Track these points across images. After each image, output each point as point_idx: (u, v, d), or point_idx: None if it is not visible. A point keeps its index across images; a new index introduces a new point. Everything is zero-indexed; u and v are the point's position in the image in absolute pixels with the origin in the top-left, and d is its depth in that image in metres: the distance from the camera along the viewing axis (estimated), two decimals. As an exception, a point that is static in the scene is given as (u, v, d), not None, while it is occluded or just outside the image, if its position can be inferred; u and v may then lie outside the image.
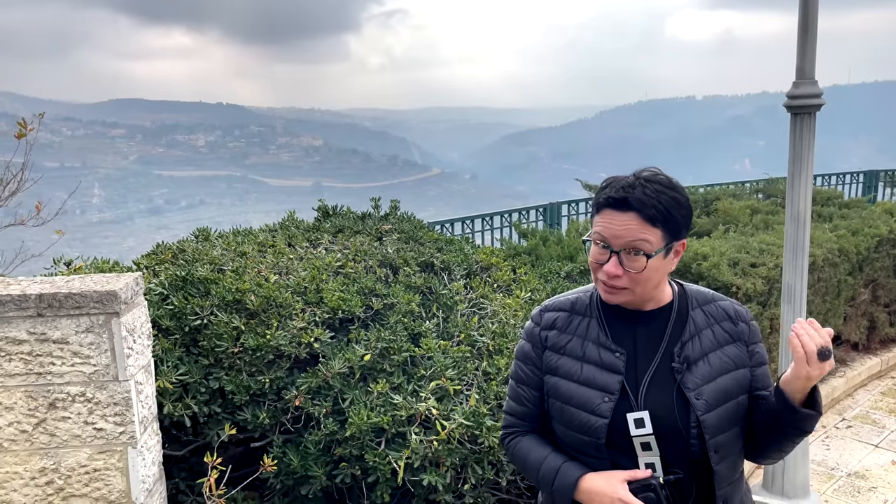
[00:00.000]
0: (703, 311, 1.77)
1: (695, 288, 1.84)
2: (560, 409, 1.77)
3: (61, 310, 2.28)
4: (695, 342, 1.73)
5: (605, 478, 1.68)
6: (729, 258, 5.18)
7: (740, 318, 1.78)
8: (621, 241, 1.62)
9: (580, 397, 1.73)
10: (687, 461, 1.69)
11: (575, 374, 1.75)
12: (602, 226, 1.65)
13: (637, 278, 1.63)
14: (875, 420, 5.41)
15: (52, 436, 2.37)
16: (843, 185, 9.65)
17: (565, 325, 1.81)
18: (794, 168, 3.35)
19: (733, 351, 1.75)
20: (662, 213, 1.61)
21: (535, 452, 1.82)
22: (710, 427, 1.66)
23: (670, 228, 1.64)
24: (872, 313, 6.35)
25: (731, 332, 1.76)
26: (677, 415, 1.67)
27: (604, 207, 1.65)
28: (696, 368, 1.70)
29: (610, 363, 1.72)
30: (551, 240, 5.77)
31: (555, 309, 1.86)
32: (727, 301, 1.82)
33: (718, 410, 1.68)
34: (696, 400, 1.66)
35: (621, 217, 1.62)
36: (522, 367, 1.87)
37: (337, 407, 2.93)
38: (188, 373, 2.94)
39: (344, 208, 4.92)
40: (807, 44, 3.17)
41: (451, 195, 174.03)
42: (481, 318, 3.51)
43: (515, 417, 1.91)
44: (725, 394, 1.70)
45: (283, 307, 3.19)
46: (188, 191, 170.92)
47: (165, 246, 3.84)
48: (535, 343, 1.84)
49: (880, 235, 6.20)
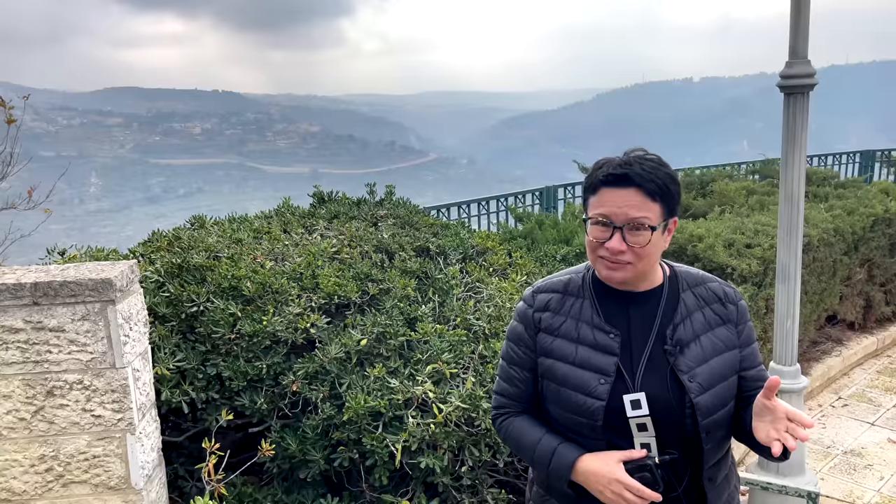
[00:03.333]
0: (693, 293, 1.79)
1: (685, 269, 1.85)
2: (556, 391, 1.77)
3: (57, 298, 2.29)
4: (686, 324, 1.74)
5: (602, 458, 1.69)
6: (724, 239, 5.19)
7: (729, 300, 1.80)
8: (624, 216, 1.63)
9: (576, 379, 1.73)
10: (681, 441, 1.71)
11: (570, 355, 1.75)
12: (603, 203, 1.66)
13: (641, 253, 1.64)
14: (871, 398, 5.44)
15: (51, 423, 2.38)
16: (839, 165, 9.65)
17: (559, 307, 1.81)
18: (787, 148, 3.35)
19: (724, 333, 1.76)
20: (661, 187, 1.63)
21: (530, 434, 1.83)
22: (702, 409, 1.68)
23: (668, 203, 1.66)
24: (868, 293, 6.37)
25: (721, 315, 1.78)
26: (672, 396, 1.69)
27: (602, 186, 1.66)
28: (689, 351, 1.71)
29: (605, 344, 1.73)
30: (547, 223, 5.78)
31: (547, 290, 1.85)
32: (717, 283, 1.83)
33: (712, 392, 1.70)
34: (689, 383, 1.68)
35: (622, 193, 1.63)
36: (514, 349, 1.87)
37: (334, 391, 2.95)
38: (185, 359, 2.96)
39: (340, 194, 4.92)
40: (799, 23, 3.16)
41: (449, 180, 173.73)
42: (477, 302, 3.52)
43: (507, 398, 1.91)
44: (717, 375, 1.72)
45: (279, 293, 3.20)
46: (186, 179, 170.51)
47: (161, 234, 3.85)
48: (528, 325, 1.84)
49: (876, 215, 6.21)
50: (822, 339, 6.12)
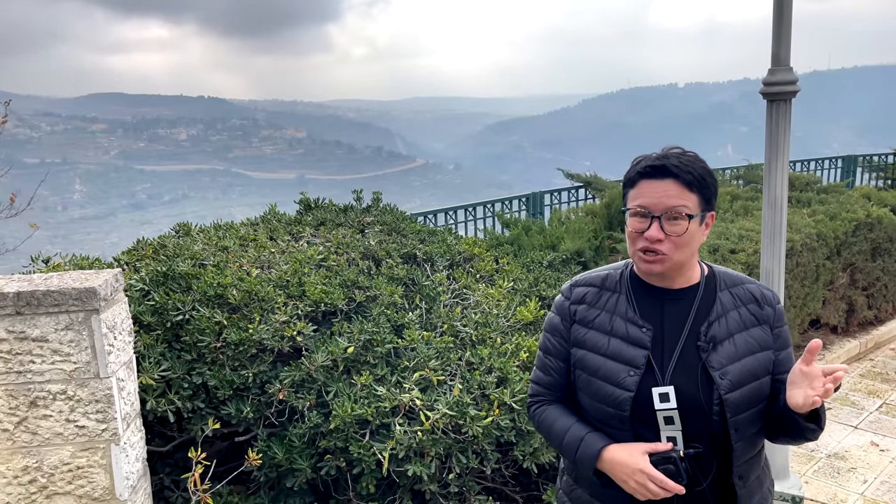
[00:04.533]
0: (730, 292, 1.82)
1: (723, 270, 1.89)
2: (587, 381, 1.83)
3: (40, 308, 2.27)
4: (721, 322, 1.77)
5: (627, 449, 1.74)
6: (709, 244, 5.23)
7: (767, 302, 1.83)
8: (662, 205, 1.68)
9: (606, 370, 1.78)
10: (708, 436, 1.74)
11: (602, 347, 1.81)
12: (642, 194, 1.71)
13: (678, 242, 1.69)
14: (854, 402, 5.49)
15: (34, 434, 2.36)
16: (821, 170, 9.74)
17: (595, 300, 1.87)
18: (770, 154, 3.39)
19: (759, 333, 1.79)
20: (698, 178, 1.69)
21: (560, 422, 1.88)
22: (732, 406, 1.71)
23: (705, 195, 1.71)
24: (851, 297, 6.44)
25: (757, 315, 1.81)
26: (701, 392, 1.72)
27: (640, 179, 1.72)
28: (722, 348, 1.74)
29: (636, 338, 1.77)
30: (534, 229, 5.80)
31: (585, 284, 1.92)
32: (755, 284, 1.87)
33: (742, 390, 1.73)
34: (720, 379, 1.72)
35: (660, 184, 1.69)
36: (550, 339, 1.93)
37: (321, 399, 2.94)
38: (171, 368, 2.94)
39: (326, 201, 4.91)
40: (782, 30, 3.20)
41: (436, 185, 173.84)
42: (464, 309, 3.52)
43: (542, 387, 1.97)
44: (749, 374, 1.74)
45: (265, 301, 3.19)
46: (171, 185, 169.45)
47: (146, 242, 3.83)
48: (564, 316, 1.90)
49: (858, 220, 6.28)
50: (806, 343, 6.17)
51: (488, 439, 2.88)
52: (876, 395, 5.59)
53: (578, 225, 5.79)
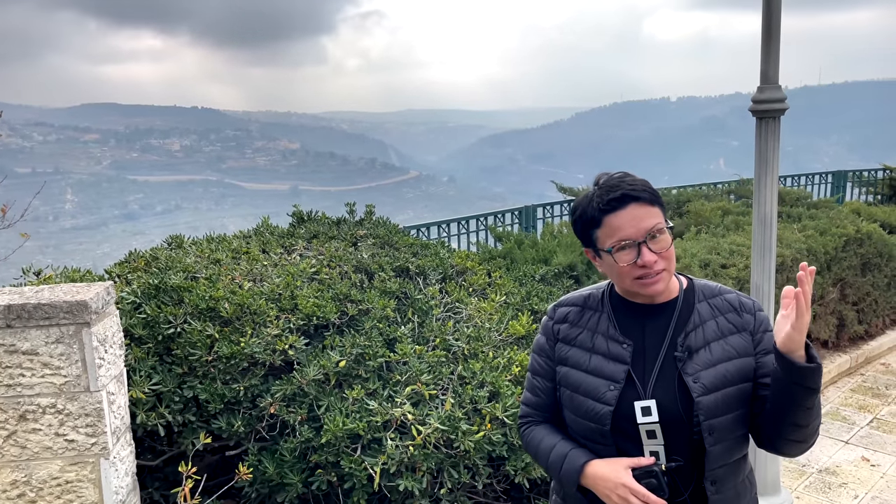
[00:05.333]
0: (708, 303, 1.84)
1: (703, 282, 1.91)
2: (569, 397, 1.85)
3: (30, 321, 2.27)
4: (698, 332, 1.79)
5: (611, 464, 1.76)
6: (700, 259, 5.26)
7: (745, 310, 1.83)
8: (642, 230, 1.69)
9: (587, 385, 1.81)
10: (689, 448, 1.76)
11: (583, 363, 1.84)
12: (617, 229, 1.71)
13: (669, 255, 1.72)
14: (845, 417, 5.51)
15: (23, 448, 2.34)
16: (812, 185, 9.83)
17: (577, 319, 1.90)
18: (760, 171, 3.42)
19: (737, 341, 1.80)
20: (651, 192, 1.73)
21: (547, 440, 1.90)
22: (704, 408, 1.71)
23: (662, 205, 1.75)
24: (841, 312, 6.47)
25: (735, 323, 1.81)
26: (679, 402, 1.73)
27: (604, 216, 1.72)
28: (697, 356, 1.76)
29: (617, 354, 1.80)
30: (526, 243, 5.81)
31: (568, 304, 1.95)
32: (733, 294, 1.88)
33: (716, 394, 1.73)
34: (693, 384, 1.73)
35: (626, 212, 1.70)
36: (537, 359, 1.97)
37: (312, 414, 2.94)
38: (162, 382, 2.93)
39: (319, 213, 4.92)
40: (770, 49, 3.24)
41: (429, 197, 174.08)
42: (456, 323, 3.53)
43: (530, 407, 1.99)
44: (724, 379, 1.75)
45: (257, 314, 3.19)
46: (163, 196, 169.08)
47: (138, 254, 3.82)
48: (549, 336, 1.94)
49: (847, 235, 6.32)
50: (797, 358, 6.20)
51: (480, 454, 2.88)
52: (867, 409, 5.62)
53: (571, 239, 5.81)
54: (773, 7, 3.19)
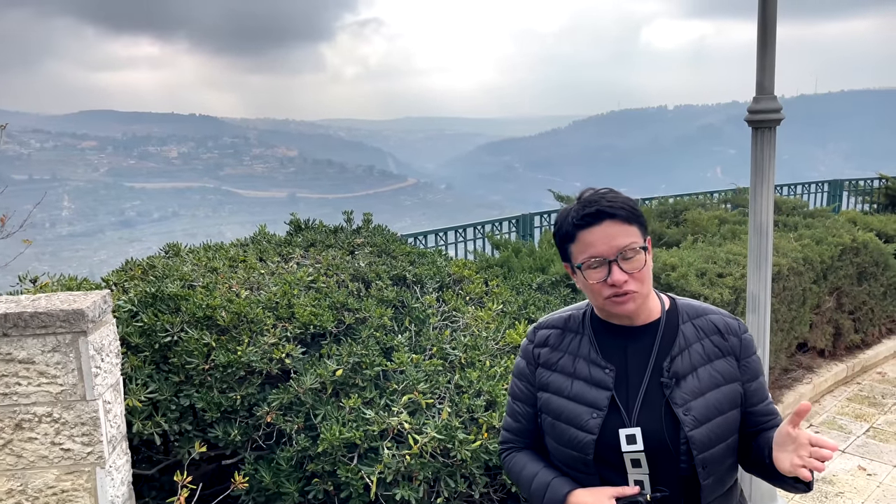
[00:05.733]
0: (693, 324, 1.78)
1: (686, 301, 1.85)
2: (551, 425, 1.80)
3: (27, 329, 2.26)
4: (684, 356, 1.73)
5: (594, 494, 1.71)
6: (697, 268, 5.27)
7: (731, 332, 1.77)
8: (614, 248, 1.65)
9: (569, 413, 1.75)
10: (676, 478, 1.70)
11: (565, 389, 1.78)
12: (589, 245, 1.67)
13: (641, 276, 1.67)
14: (842, 426, 5.52)
15: (19, 457, 2.34)
16: (808, 194, 9.86)
17: (558, 342, 1.84)
18: (756, 180, 3.43)
19: (723, 365, 1.74)
20: (630, 210, 1.68)
21: (529, 468, 1.86)
22: (698, 443, 1.67)
23: (641, 224, 1.70)
24: (837, 320, 6.48)
25: (720, 347, 1.76)
26: (666, 431, 1.68)
27: (578, 231, 1.68)
28: (685, 383, 1.70)
29: (599, 379, 1.74)
30: (524, 251, 5.82)
31: (548, 326, 1.89)
32: (718, 314, 1.81)
33: (708, 426, 1.68)
34: (684, 416, 1.67)
35: (600, 228, 1.66)
36: (517, 384, 1.91)
37: (309, 423, 2.93)
38: (158, 390, 2.93)
39: (316, 222, 4.92)
40: (766, 60, 3.26)
41: (427, 205, 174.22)
42: (453, 332, 3.53)
43: (511, 433, 1.94)
44: (715, 409, 1.70)
45: (254, 323, 3.19)
46: (161, 203, 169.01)
47: (135, 262, 3.82)
48: (529, 360, 1.88)
49: (843, 244, 6.34)
50: (794, 367, 6.21)
51: (477, 463, 2.87)
52: (863, 418, 5.62)
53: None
54: (769, 18, 3.22)
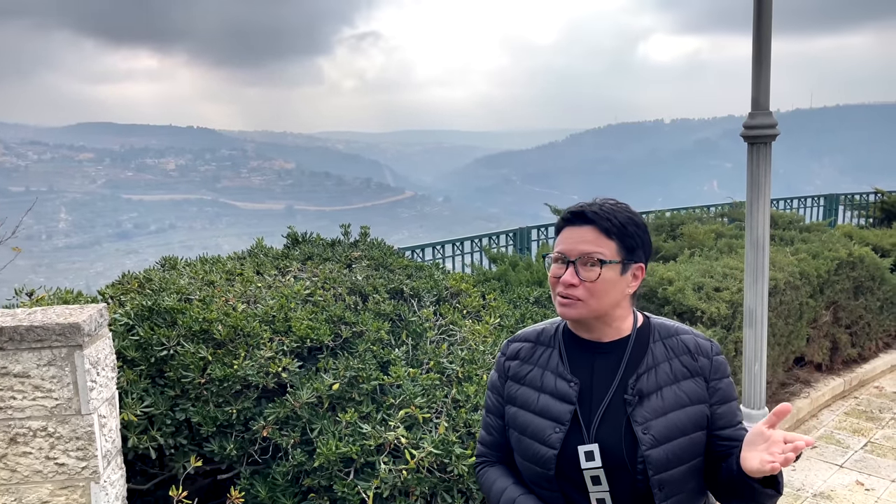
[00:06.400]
0: (664, 343, 1.75)
1: (660, 321, 1.83)
2: (518, 439, 1.79)
3: (23, 343, 2.26)
4: (650, 375, 1.71)
5: None
6: (693, 282, 5.28)
7: (701, 353, 1.75)
8: (577, 251, 1.66)
9: (534, 427, 1.74)
10: (635, 496, 1.68)
11: (532, 403, 1.76)
12: (562, 241, 1.71)
13: (592, 289, 1.65)
14: (839, 440, 5.50)
15: (13, 472, 2.33)
16: (804, 208, 9.90)
17: (528, 356, 1.83)
18: (752, 195, 3.45)
19: (690, 386, 1.72)
20: (617, 226, 1.66)
21: (498, 483, 1.84)
22: (654, 463, 1.64)
23: (626, 243, 1.67)
24: (834, 335, 6.49)
25: (689, 367, 1.73)
26: (624, 449, 1.66)
27: (564, 226, 1.72)
28: (648, 402, 1.68)
29: (564, 392, 1.72)
30: (521, 265, 5.83)
31: (521, 339, 1.88)
32: (690, 335, 1.79)
33: (666, 446, 1.65)
34: (643, 434, 1.65)
35: (578, 230, 1.68)
36: (491, 397, 1.90)
37: (305, 437, 2.92)
38: (154, 404, 2.91)
39: (314, 235, 4.92)
40: (761, 76, 3.28)
41: (424, 217, 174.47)
42: (451, 345, 3.52)
43: (485, 447, 1.93)
44: (677, 429, 1.67)
45: (250, 336, 3.18)
46: (158, 215, 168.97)
47: (131, 275, 3.81)
48: (501, 373, 1.87)
49: (840, 258, 6.36)
50: (791, 381, 6.21)
51: (473, 478, 2.86)
52: (861, 433, 5.61)
53: (565, 261, 5.82)
54: (763, 37, 3.24)
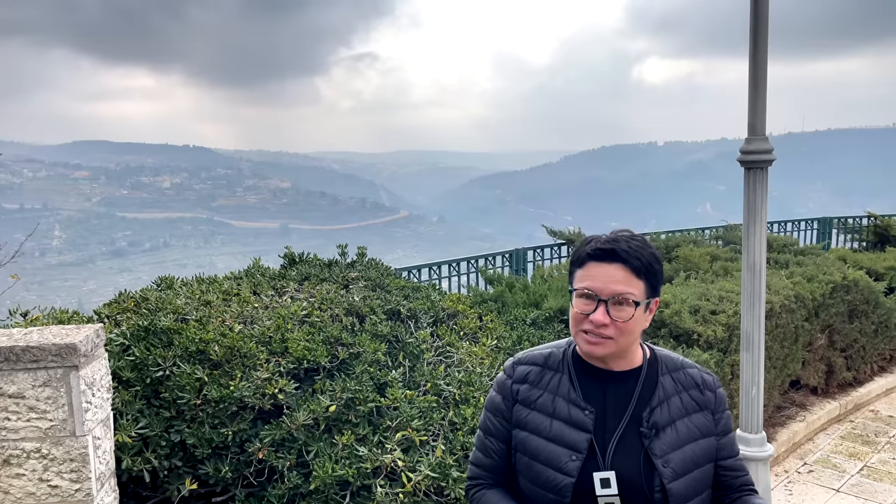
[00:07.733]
0: (672, 377, 1.81)
1: (664, 353, 1.87)
2: (527, 465, 1.77)
3: (18, 363, 2.24)
4: (663, 408, 1.75)
5: None
6: (690, 305, 5.29)
7: (707, 387, 1.82)
8: (609, 290, 1.67)
9: (548, 454, 1.74)
10: None
11: (544, 429, 1.76)
12: (589, 276, 1.70)
13: (623, 328, 1.67)
14: (835, 464, 5.49)
15: (6, 493, 2.30)
16: (798, 231, 9.95)
17: (537, 380, 1.83)
18: (748, 219, 3.47)
19: (700, 419, 1.78)
20: (646, 265, 1.69)
21: None
22: (676, 495, 1.68)
23: (651, 282, 1.71)
24: (830, 358, 6.49)
25: (698, 401, 1.80)
26: (643, 478, 1.69)
27: (589, 260, 1.71)
28: (664, 435, 1.72)
29: (579, 420, 1.73)
30: (517, 286, 5.83)
31: (528, 362, 1.87)
32: (695, 369, 1.86)
33: (685, 479, 1.71)
34: (663, 468, 1.69)
35: (608, 268, 1.68)
36: (491, 419, 1.88)
37: (301, 459, 2.90)
38: (149, 426, 2.89)
39: (311, 255, 4.92)
40: (757, 102, 3.31)
41: (419, 237, 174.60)
42: (448, 367, 3.51)
43: (481, 469, 1.91)
44: (692, 462, 1.73)
45: (247, 357, 3.16)
46: (152, 233, 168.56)
47: (128, 294, 3.80)
48: (506, 395, 1.85)
49: (834, 282, 6.38)
50: (787, 404, 6.20)
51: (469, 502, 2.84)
52: (857, 457, 5.60)
53: (562, 283, 5.83)
54: (759, 62, 3.28)
